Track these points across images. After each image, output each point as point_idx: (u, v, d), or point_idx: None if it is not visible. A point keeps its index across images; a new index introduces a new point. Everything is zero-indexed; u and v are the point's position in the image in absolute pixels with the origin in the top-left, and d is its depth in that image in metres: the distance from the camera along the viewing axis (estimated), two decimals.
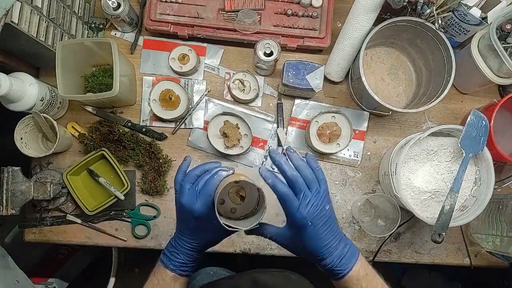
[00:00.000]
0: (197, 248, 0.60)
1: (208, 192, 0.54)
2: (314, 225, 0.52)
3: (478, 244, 1.01)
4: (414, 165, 0.91)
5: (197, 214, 0.55)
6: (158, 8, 0.98)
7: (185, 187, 0.57)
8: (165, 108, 0.98)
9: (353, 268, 0.55)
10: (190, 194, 0.56)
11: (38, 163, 0.97)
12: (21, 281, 0.87)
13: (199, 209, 0.55)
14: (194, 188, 0.56)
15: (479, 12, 0.86)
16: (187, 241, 0.60)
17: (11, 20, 0.72)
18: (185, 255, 0.60)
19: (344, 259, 0.55)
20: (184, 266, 0.60)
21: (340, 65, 0.97)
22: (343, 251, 0.55)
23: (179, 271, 0.60)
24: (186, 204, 0.56)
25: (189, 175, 0.58)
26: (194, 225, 0.58)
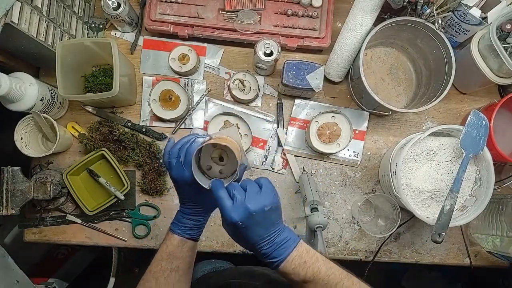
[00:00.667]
0: (200, 211, 0.65)
1: (189, 160, 0.58)
2: (247, 225, 0.54)
3: (478, 244, 1.01)
4: (414, 165, 0.91)
5: (187, 181, 0.60)
6: (158, 8, 0.98)
7: (171, 162, 0.62)
8: (165, 108, 0.98)
9: (287, 257, 0.56)
10: (177, 166, 0.61)
11: (38, 163, 0.97)
12: (21, 281, 0.87)
13: (189, 176, 0.59)
14: (179, 160, 0.61)
15: (479, 12, 0.86)
16: (189, 207, 0.65)
17: (11, 20, 0.72)
18: (190, 219, 0.65)
19: (278, 249, 0.56)
20: (190, 230, 0.65)
21: (340, 65, 0.97)
22: (279, 242, 0.57)
23: (186, 235, 0.65)
24: (176, 176, 0.62)
25: (171, 152, 0.63)
26: (190, 192, 0.63)
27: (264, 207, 0.55)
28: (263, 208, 0.54)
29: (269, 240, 0.56)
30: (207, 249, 0.99)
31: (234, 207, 0.54)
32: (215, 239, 0.99)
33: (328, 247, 1.00)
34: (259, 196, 0.55)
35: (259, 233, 0.55)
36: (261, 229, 0.56)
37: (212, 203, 0.63)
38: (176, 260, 0.64)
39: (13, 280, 0.85)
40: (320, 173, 1.03)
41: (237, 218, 0.53)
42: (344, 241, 1.01)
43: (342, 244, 1.01)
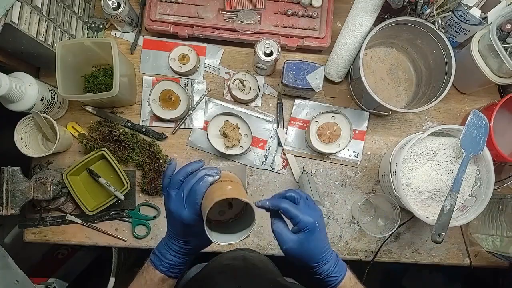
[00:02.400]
0: (188, 251, 0.60)
1: (195, 200, 0.53)
2: (320, 227, 0.55)
3: (478, 244, 1.01)
4: (414, 165, 0.91)
5: (186, 221, 0.55)
6: (158, 8, 0.98)
7: (171, 193, 0.56)
8: (165, 108, 0.98)
9: (345, 275, 0.57)
10: (177, 200, 0.55)
11: (38, 163, 0.97)
12: (21, 281, 0.87)
13: (188, 217, 0.54)
14: (180, 194, 0.55)
15: (479, 12, 0.86)
16: (178, 244, 0.59)
17: (11, 20, 0.72)
18: (176, 257, 0.59)
19: (338, 266, 0.57)
20: (174, 268, 0.60)
21: (340, 65, 0.97)
22: (337, 258, 0.58)
23: (169, 273, 0.59)
24: (174, 211, 0.55)
25: (173, 180, 0.57)
26: (184, 231, 0.58)
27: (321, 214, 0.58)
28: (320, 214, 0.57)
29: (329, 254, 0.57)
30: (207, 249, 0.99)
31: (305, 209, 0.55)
32: None
33: None
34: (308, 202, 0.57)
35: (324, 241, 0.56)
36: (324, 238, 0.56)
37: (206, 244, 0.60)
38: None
39: (13, 280, 0.85)
40: (320, 173, 1.03)
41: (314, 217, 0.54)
42: (344, 241, 1.01)
43: (342, 244, 1.01)
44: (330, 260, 0.57)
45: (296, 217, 0.54)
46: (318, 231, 0.55)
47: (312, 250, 0.55)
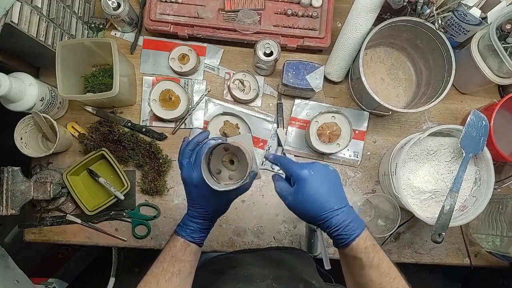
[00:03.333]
0: (205, 215, 0.64)
1: (199, 161, 0.58)
2: (316, 174, 0.55)
3: (478, 244, 1.01)
4: (414, 165, 0.91)
5: (195, 182, 0.61)
6: (158, 8, 0.98)
7: (183, 163, 0.63)
8: (165, 108, 0.98)
9: (360, 235, 0.54)
10: (187, 167, 0.62)
11: (38, 163, 0.97)
12: (21, 281, 0.87)
13: (197, 178, 0.60)
14: (190, 162, 0.62)
15: (479, 12, 0.86)
16: (195, 210, 0.64)
17: (11, 20, 0.72)
18: (196, 223, 0.64)
19: (351, 224, 0.54)
20: (194, 233, 0.64)
21: (340, 65, 0.97)
22: (349, 215, 0.54)
23: (189, 238, 0.63)
24: (186, 177, 0.62)
25: (184, 152, 0.63)
26: (197, 194, 0.63)
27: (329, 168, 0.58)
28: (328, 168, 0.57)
29: (336, 209, 0.54)
30: (207, 249, 0.99)
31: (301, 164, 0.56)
32: (215, 239, 0.99)
33: (328, 247, 1.00)
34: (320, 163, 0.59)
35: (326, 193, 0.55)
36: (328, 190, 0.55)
37: (219, 208, 0.64)
38: (178, 263, 0.62)
39: (13, 280, 0.85)
40: None
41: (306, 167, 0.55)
42: None
43: None
44: (336, 215, 0.54)
45: (291, 169, 0.56)
46: (314, 180, 0.54)
47: (310, 200, 0.55)
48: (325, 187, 0.55)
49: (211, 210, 0.64)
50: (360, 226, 0.55)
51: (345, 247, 0.54)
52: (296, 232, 1.01)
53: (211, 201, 0.63)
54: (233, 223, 1.00)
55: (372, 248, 0.54)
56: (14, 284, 0.85)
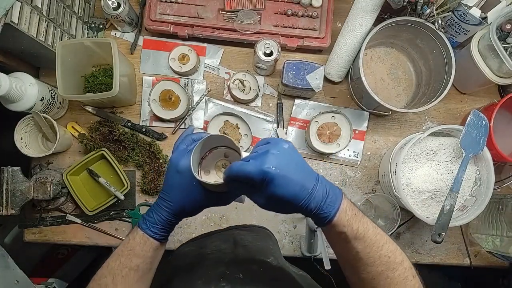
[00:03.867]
0: (172, 208, 0.57)
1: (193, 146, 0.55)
2: (278, 167, 0.46)
3: (478, 244, 1.01)
4: (414, 165, 0.91)
5: (180, 168, 0.55)
6: (158, 8, 0.98)
7: (179, 146, 0.58)
8: (165, 108, 0.98)
9: (339, 208, 0.49)
10: (180, 152, 0.57)
11: (38, 163, 0.97)
12: (21, 281, 0.87)
13: (184, 163, 0.55)
14: (186, 149, 0.57)
15: (479, 12, 0.86)
16: (165, 199, 0.58)
17: (11, 20, 0.72)
18: (158, 214, 0.58)
19: (328, 199, 0.49)
20: (154, 226, 0.58)
21: (340, 65, 0.97)
22: (324, 191, 0.49)
23: (149, 232, 0.58)
24: (173, 159, 0.57)
25: (186, 138, 0.60)
26: (174, 180, 0.57)
27: (283, 146, 0.49)
28: (282, 147, 0.49)
29: (313, 188, 0.48)
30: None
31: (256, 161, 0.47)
32: None
33: (328, 247, 1.00)
34: (271, 144, 0.50)
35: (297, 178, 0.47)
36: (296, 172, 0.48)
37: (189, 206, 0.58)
38: (136, 259, 0.57)
39: (13, 280, 0.85)
40: (320, 173, 1.01)
41: (266, 164, 0.46)
42: None
43: None
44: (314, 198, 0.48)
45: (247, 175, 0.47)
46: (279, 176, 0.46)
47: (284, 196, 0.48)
48: (293, 174, 0.47)
49: (180, 204, 0.58)
50: (337, 197, 0.50)
51: (328, 224, 0.50)
52: (296, 232, 1.01)
53: (185, 195, 0.57)
54: (233, 223, 0.99)
55: (354, 218, 0.50)
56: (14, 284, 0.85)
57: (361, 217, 0.51)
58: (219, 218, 1.00)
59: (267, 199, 0.49)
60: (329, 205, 0.49)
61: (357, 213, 0.51)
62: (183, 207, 0.58)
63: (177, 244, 0.94)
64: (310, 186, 0.49)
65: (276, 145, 0.49)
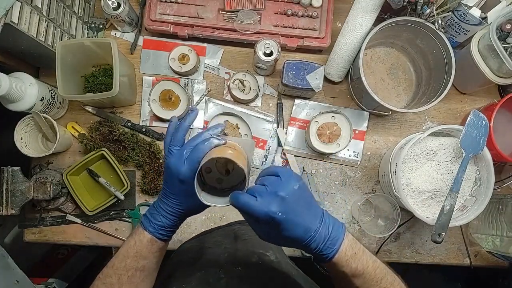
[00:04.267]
0: (178, 213, 0.59)
1: (196, 159, 0.53)
2: (285, 213, 0.47)
3: (478, 244, 1.01)
4: (414, 165, 0.91)
5: (182, 177, 0.54)
6: (158, 8, 0.98)
7: (172, 149, 0.56)
8: (165, 108, 0.98)
9: (339, 249, 0.51)
10: (177, 156, 0.55)
11: (38, 163, 0.97)
12: (21, 281, 0.87)
13: (185, 173, 0.54)
14: (182, 151, 0.55)
15: (479, 12, 0.86)
16: (169, 204, 0.58)
17: (11, 20, 0.72)
18: (166, 218, 0.59)
19: (329, 241, 0.50)
20: (163, 229, 0.59)
21: (340, 65, 0.97)
22: (326, 232, 0.51)
23: (158, 234, 0.58)
24: (173, 166, 0.55)
25: (174, 138, 0.57)
26: (179, 188, 0.57)
27: (293, 187, 0.49)
28: (292, 188, 0.48)
29: (316, 231, 0.50)
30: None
31: (263, 200, 0.47)
32: None
33: None
34: (281, 180, 0.49)
35: (302, 222, 0.49)
36: (302, 216, 0.49)
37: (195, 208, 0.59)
38: (142, 260, 0.58)
39: (13, 280, 0.85)
40: (320, 173, 1.03)
41: (273, 208, 0.46)
42: None
43: None
44: (315, 240, 0.50)
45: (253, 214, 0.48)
46: (285, 221, 0.47)
47: (288, 238, 0.50)
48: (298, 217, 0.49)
49: (188, 208, 0.59)
50: (338, 238, 0.51)
51: (327, 263, 0.52)
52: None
53: (191, 200, 0.57)
54: None
55: (354, 257, 0.52)
56: (14, 284, 0.85)
57: (361, 254, 0.52)
58: (219, 218, 1.00)
59: (268, 236, 0.51)
60: (329, 247, 0.50)
61: (357, 252, 0.52)
62: (191, 210, 0.59)
63: (178, 244, 0.94)
64: (313, 229, 0.50)
65: (286, 185, 0.49)
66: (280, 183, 0.49)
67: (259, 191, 0.49)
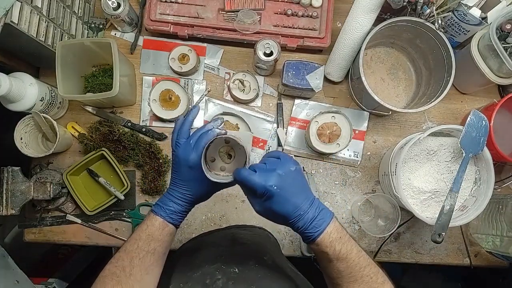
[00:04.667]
0: (188, 198, 0.63)
1: (202, 145, 0.59)
2: (281, 186, 0.53)
3: (478, 244, 1.01)
4: (414, 165, 0.91)
5: (191, 163, 0.60)
6: (158, 8, 0.98)
7: (180, 141, 0.62)
8: (165, 108, 0.98)
9: (324, 230, 0.55)
10: (185, 147, 0.61)
11: (38, 163, 0.97)
12: (21, 281, 0.87)
13: (194, 159, 0.59)
14: (188, 142, 0.61)
15: (479, 12, 0.86)
16: (180, 191, 0.63)
17: (11, 20, 0.72)
18: (177, 204, 0.62)
19: (315, 221, 0.55)
20: (174, 214, 0.62)
21: (340, 65, 0.97)
22: (314, 214, 0.56)
23: (169, 218, 0.62)
24: (181, 156, 0.61)
25: (181, 130, 0.63)
26: (188, 175, 0.61)
27: (290, 168, 0.55)
28: (288, 168, 0.55)
29: (305, 211, 0.55)
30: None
31: (262, 174, 0.53)
32: None
33: None
34: (280, 161, 0.56)
35: (294, 200, 0.54)
36: (294, 194, 0.54)
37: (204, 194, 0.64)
38: (154, 243, 0.61)
39: (13, 280, 0.85)
40: (320, 173, 1.03)
41: (269, 182, 0.52)
42: None
43: None
44: (302, 218, 0.55)
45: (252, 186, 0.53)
46: (278, 195, 0.53)
47: (278, 212, 0.55)
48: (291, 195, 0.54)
49: (196, 194, 0.63)
50: (325, 221, 0.56)
51: (312, 243, 0.56)
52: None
53: (200, 186, 0.62)
54: (233, 223, 0.99)
55: (338, 241, 0.55)
56: (14, 284, 0.85)
57: (347, 240, 0.56)
58: (219, 218, 1.00)
59: (263, 208, 0.56)
60: (314, 227, 0.55)
61: (342, 236, 0.56)
62: (200, 196, 0.64)
63: (178, 244, 0.95)
64: (303, 208, 0.55)
65: (284, 165, 0.55)
66: (279, 163, 0.56)
67: (259, 167, 0.55)
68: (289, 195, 0.54)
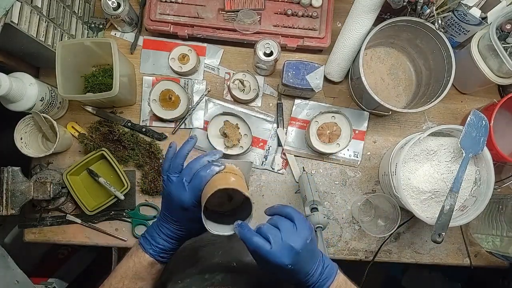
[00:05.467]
0: (179, 237, 0.60)
1: (198, 186, 0.54)
2: (294, 265, 0.50)
3: (478, 244, 1.01)
4: (414, 165, 0.91)
5: (186, 205, 0.55)
6: (158, 8, 0.98)
7: (171, 177, 0.57)
8: (165, 108, 0.98)
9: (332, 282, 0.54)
10: (178, 183, 0.55)
11: (38, 163, 0.97)
12: (21, 281, 0.87)
13: (188, 200, 0.54)
14: (181, 178, 0.55)
15: (479, 12, 0.86)
16: (171, 229, 0.59)
17: (11, 20, 0.72)
18: (167, 242, 0.59)
19: (322, 280, 0.54)
20: (164, 252, 0.59)
21: (340, 65, 0.97)
22: (321, 272, 0.54)
23: (158, 257, 0.59)
24: (174, 194, 0.55)
25: (173, 165, 0.57)
26: (181, 215, 0.57)
27: (306, 240, 0.51)
28: (305, 242, 0.51)
29: (313, 273, 0.53)
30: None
31: (278, 250, 0.49)
32: None
33: (328, 247, 1.00)
34: (297, 232, 0.51)
35: (306, 270, 0.53)
36: (307, 265, 0.53)
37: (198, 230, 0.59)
38: (140, 282, 0.58)
39: (13, 280, 0.85)
40: (320, 173, 1.03)
41: (286, 261, 0.49)
42: (344, 241, 1.01)
43: (342, 244, 1.01)
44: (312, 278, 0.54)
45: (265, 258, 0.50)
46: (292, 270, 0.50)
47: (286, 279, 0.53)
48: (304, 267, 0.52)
49: (190, 231, 0.60)
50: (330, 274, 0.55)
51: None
52: None
53: (194, 224, 0.57)
54: None
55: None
56: (14, 284, 0.85)
57: None
58: None
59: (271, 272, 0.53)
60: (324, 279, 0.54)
61: None
62: (195, 233, 0.60)
63: None
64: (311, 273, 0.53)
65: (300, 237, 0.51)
66: (295, 233, 0.51)
67: (273, 237, 0.50)
68: (302, 267, 0.52)
